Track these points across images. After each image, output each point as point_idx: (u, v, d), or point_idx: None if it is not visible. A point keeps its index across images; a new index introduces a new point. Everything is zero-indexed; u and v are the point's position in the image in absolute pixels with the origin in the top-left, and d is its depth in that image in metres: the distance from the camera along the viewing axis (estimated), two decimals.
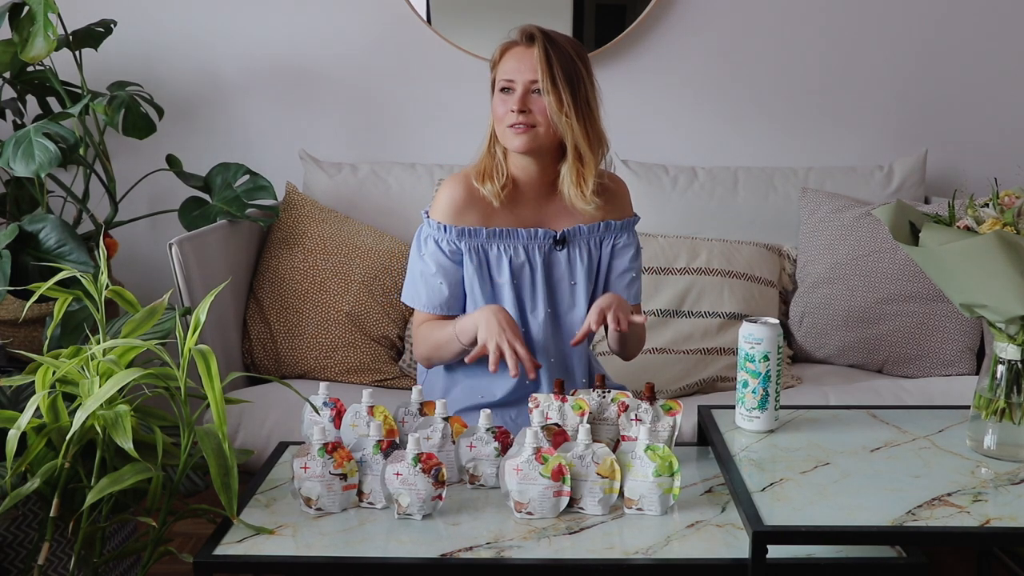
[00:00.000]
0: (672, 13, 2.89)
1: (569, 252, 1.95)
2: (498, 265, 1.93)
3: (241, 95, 2.92)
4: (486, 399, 1.94)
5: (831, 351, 2.60)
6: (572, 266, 1.96)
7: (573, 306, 1.96)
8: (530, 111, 1.85)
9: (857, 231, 2.58)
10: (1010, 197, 1.61)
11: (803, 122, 2.95)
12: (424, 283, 1.94)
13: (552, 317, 1.95)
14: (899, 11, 2.89)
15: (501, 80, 1.88)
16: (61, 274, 1.62)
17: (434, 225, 1.93)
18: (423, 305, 1.95)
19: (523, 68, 1.85)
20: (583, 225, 1.96)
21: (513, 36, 1.91)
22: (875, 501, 1.48)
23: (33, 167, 2.29)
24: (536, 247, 1.94)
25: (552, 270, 1.95)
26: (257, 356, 2.50)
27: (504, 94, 1.87)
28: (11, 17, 2.43)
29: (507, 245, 1.92)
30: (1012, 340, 1.63)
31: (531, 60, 1.85)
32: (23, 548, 1.72)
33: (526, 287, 1.94)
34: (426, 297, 1.94)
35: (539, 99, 1.85)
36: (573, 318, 1.96)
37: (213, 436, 1.50)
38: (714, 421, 1.82)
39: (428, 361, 1.98)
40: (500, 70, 1.89)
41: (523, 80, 1.85)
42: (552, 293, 1.95)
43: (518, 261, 1.93)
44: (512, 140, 1.87)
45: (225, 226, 2.46)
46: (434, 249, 1.93)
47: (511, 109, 1.85)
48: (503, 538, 1.51)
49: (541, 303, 1.94)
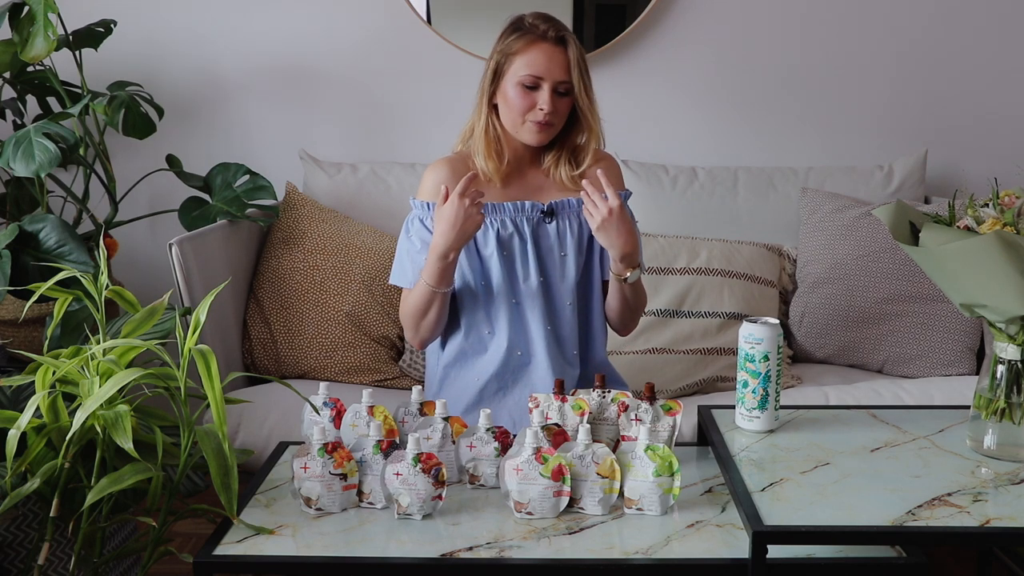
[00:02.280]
0: (672, 13, 2.89)
1: (558, 224, 1.97)
2: (483, 238, 1.94)
3: (241, 95, 2.92)
4: (481, 379, 1.95)
5: (831, 351, 2.60)
6: (562, 238, 1.97)
7: (564, 277, 1.97)
8: (556, 110, 1.89)
9: (857, 231, 2.58)
10: (1010, 197, 1.61)
11: (803, 122, 2.95)
12: (410, 261, 1.95)
13: (544, 285, 1.96)
14: (899, 11, 2.89)
15: (525, 74, 1.88)
16: (61, 274, 1.62)
17: (419, 205, 1.96)
18: (409, 282, 1.96)
19: (554, 68, 1.88)
20: (572, 198, 1.97)
21: (531, 22, 1.91)
22: (875, 501, 1.48)
23: (33, 167, 2.29)
24: (524, 219, 1.95)
25: (541, 241, 1.96)
26: (257, 356, 2.50)
27: (527, 89, 1.88)
28: (11, 17, 2.43)
29: (493, 218, 1.94)
30: (1012, 340, 1.63)
31: (563, 60, 1.88)
32: (23, 548, 1.72)
33: (516, 257, 1.95)
34: (412, 274, 1.95)
35: (560, 99, 1.89)
36: (564, 288, 1.97)
37: (213, 436, 1.50)
38: (714, 421, 1.82)
39: (417, 334, 1.97)
40: (523, 62, 1.88)
41: (552, 80, 1.88)
42: (542, 263, 1.96)
43: (506, 233, 1.94)
44: (532, 136, 1.91)
45: (225, 226, 2.46)
46: (419, 227, 1.95)
47: (541, 107, 1.88)
48: (503, 538, 1.51)
49: (533, 272, 1.95)
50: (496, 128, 1.95)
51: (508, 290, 1.94)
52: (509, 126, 1.93)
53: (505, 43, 1.92)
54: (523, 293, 1.95)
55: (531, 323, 1.95)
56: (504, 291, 1.94)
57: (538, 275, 1.95)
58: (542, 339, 1.94)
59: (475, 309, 1.97)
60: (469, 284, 1.95)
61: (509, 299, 1.95)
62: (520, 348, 1.96)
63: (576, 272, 1.97)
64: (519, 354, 1.96)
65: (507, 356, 1.95)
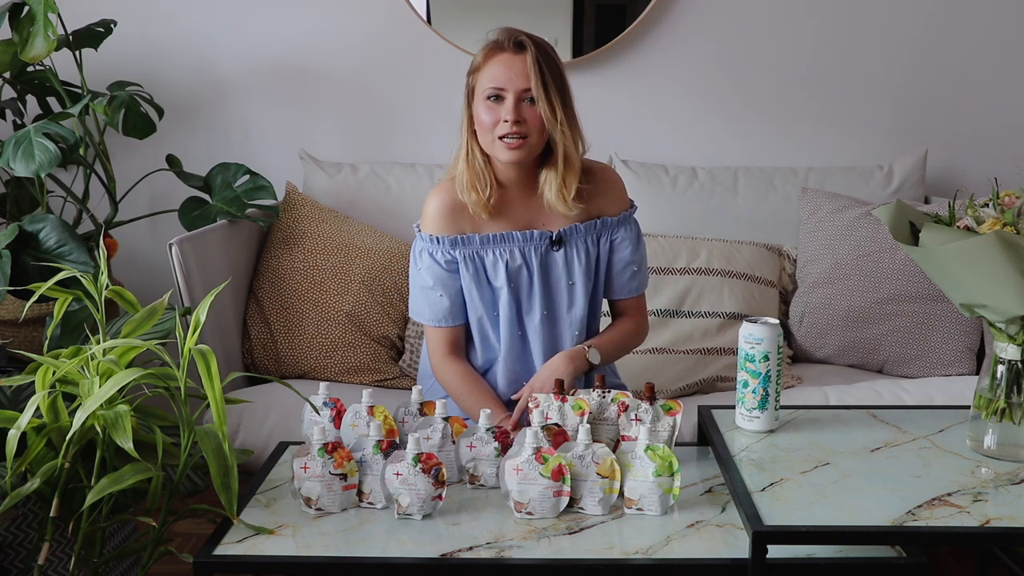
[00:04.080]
0: (672, 13, 2.89)
1: (566, 252, 1.94)
2: (494, 270, 1.92)
3: (241, 95, 2.92)
4: None
5: (831, 351, 2.60)
6: (570, 266, 1.94)
7: (572, 305, 1.95)
8: (524, 120, 1.81)
9: (857, 231, 2.58)
10: (1010, 197, 1.61)
11: (803, 122, 2.95)
12: (425, 298, 1.95)
13: (548, 319, 1.95)
14: (899, 11, 2.89)
15: (488, 87, 1.83)
16: (61, 274, 1.62)
17: (426, 238, 1.93)
18: (428, 319, 1.95)
19: (514, 76, 1.81)
20: (579, 224, 1.94)
21: (493, 37, 1.86)
22: (875, 501, 1.48)
23: (33, 167, 2.28)
24: (532, 248, 1.92)
25: (549, 271, 1.94)
26: (257, 356, 2.50)
27: (493, 102, 1.83)
28: (11, 17, 2.43)
29: (502, 249, 1.91)
30: (1012, 340, 1.63)
31: (522, 67, 1.80)
32: (23, 548, 1.72)
33: (523, 289, 1.94)
34: (429, 312, 1.95)
35: (530, 108, 1.81)
36: (572, 317, 1.96)
37: (213, 436, 1.50)
38: (714, 421, 1.82)
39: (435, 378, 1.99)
40: (485, 76, 1.84)
41: (515, 88, 1.81)
42: (549, 294, 1.95)
43: (514, 265, 1.92)
44: (505, 153, 1.83)
45: (225, 226, 2.46)
46: (429, 262, 1.93)
47: (504, 119, 1.81)
48: (503, 538, 1.51)
49: (537, 305, 1.94)
50: (478, 156, 1.88)
51: (515, 321, 1.94)
52: (486, 147, 1.86)
53: (472, 62, 1.88)
54: (527, 326, 1.95)
55: (534, 355, 1.95)
56: (511, 322, 1.94)
57: (542, 309, 1.94)
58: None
59: (486, 335, 1.97)
60: (482, 316, 1.95)
61: (515, 331, 1.95)
62: (524, 379, 1.96)
63: (584, 300, 1.95)
64: (522, 384, 1.96)
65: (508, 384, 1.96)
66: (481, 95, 1.84)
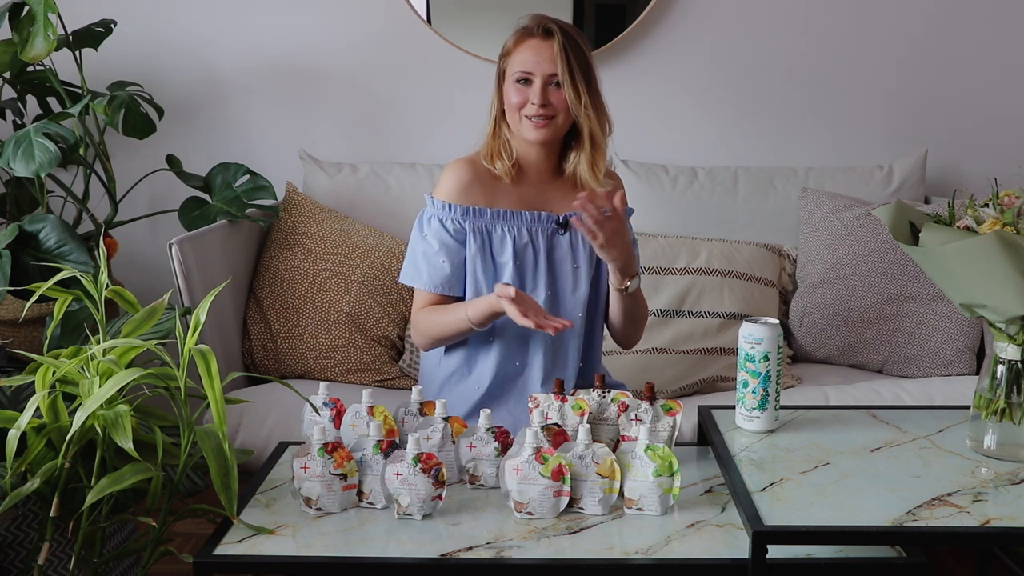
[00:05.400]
0: (672, 13, 2.89)
1: (572, 236, 1.98)
2: (501, 245, 1.94)
3: (241, 95, 2.92)
4: (482, 387, 1.96)
5: (831, 351, 2.60)
6: (575, 250, 1.98)
7: (576, 288, 1.97)
8: (550, 103, 1.89)
9: (857, 231, 2.58)
10: (1010, 197, 1.61)
11: (803, 122, 2.95)
12: (426, 261, 1.95)
13: (551, 299, 1.96)
14: (899, 11, 2.89)
15: (517, 71, 1.91)
16: (61, 274, 1.62)
17: (439, 204, 1.95)
18: (424, 284, 1.95)
19: (542, 61, 1.89)
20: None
21: (524, 23, 1.94)
22: (875, 501, 1.49)
23: (33, 167, 2.29)
24: (540, 230, 1.96)
25: (554, 252, 1.97)
26: (257, 356, 2.50)
27: (521, 85, 1.91)
28: (11, 17, 2.43)
29: (511, 226, 1.94)
30: (1012, 340, 1.63)
31: (550, 53, 1.89)
32: (23, 548, 1.72)
33: (528, 268, 1.95)
34: (427, 276, 1.94)
35: (557, 91, 1.90)
36: (576, 299, 1.97)
37: (213, 436, 1.50)
38: (714, 421, 1.82)
39: (429, 344, 1.98)
40: (515, 60, 1.92)
41: (542, 73, 1.89)
42: (553, 275, 1.97)
43: (521, 242, 1.95)
44: (531, 132, 1.91)
45: (225, 226, 2.46)
46: (438, 227, 1.94)
47: (532, 101, 1.89)
48: (503, 538, 1.51)
49: (542, 284, 1.95)
50: (505, 134, 1.96)
51: None
52: (514, 126, 1.94)
53: (503, 46, 1.95)
54: None
55: (533, 336, 1.95)
56: None
57: (546, 289, 1.95)
58: (540, 353, 1.95)
59: None
60: (482, 290, 1.94)
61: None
62: (518, 359, 1.96)
63: (588, 284, 1.97)
64: (516, 364, 1.96)
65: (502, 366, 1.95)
66: (511, 78, 1.93)
